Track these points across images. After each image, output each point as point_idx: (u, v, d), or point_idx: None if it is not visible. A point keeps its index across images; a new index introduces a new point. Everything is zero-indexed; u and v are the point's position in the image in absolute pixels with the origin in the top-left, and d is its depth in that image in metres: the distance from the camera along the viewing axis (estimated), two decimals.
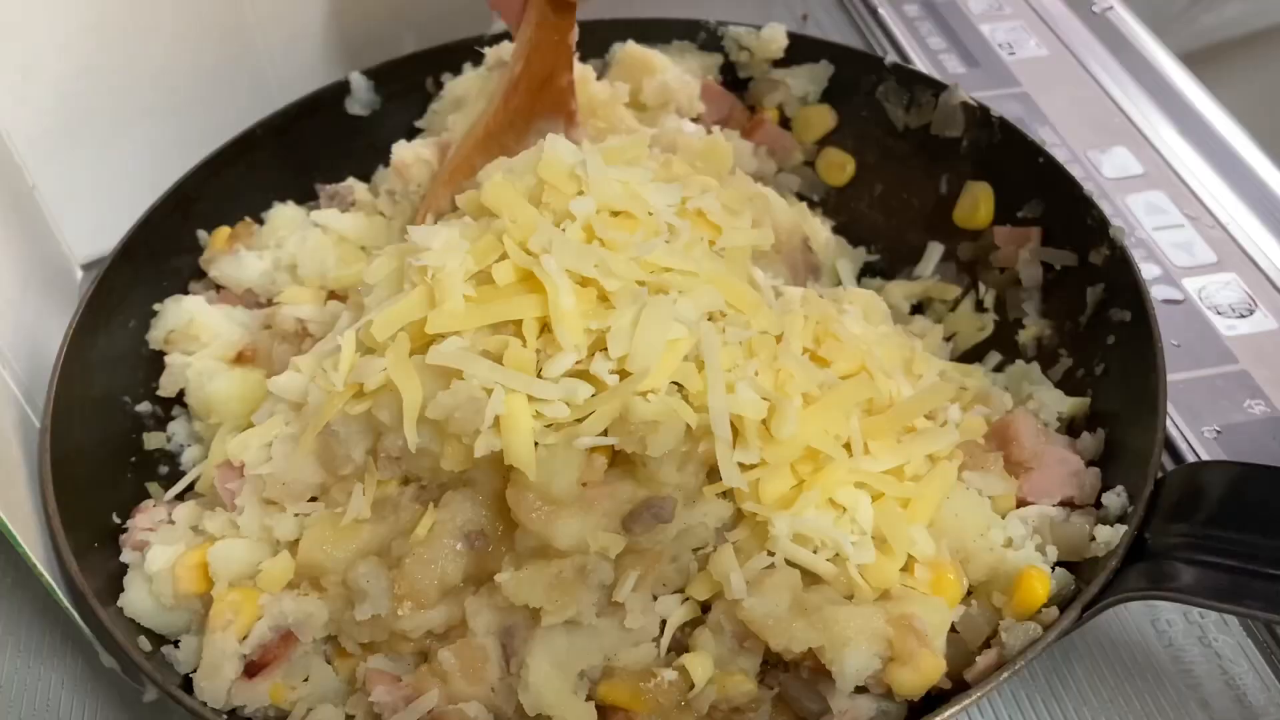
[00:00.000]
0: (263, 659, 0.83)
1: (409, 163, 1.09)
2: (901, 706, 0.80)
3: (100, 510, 0.94)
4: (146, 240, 1.06)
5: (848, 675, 0.76)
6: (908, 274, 1.16)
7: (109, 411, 1.01)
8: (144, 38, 1.15)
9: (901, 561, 0.82)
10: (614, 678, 0.81)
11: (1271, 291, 1.16)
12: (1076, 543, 0.86)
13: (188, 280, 1.12)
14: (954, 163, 1.13)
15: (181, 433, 1.05)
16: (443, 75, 1.21)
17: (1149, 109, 1.38)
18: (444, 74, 1.21)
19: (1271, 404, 1.06)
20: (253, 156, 1.15)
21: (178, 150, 1.11)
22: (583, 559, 0.80)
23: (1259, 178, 1.29)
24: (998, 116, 1.10)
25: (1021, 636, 0.79)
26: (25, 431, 0.94)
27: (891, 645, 0.77)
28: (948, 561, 0.84)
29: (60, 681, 0.94)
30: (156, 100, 1.19)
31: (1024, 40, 1.48)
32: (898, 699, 0.79)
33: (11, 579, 1.00)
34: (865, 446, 0.85)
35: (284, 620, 0.83)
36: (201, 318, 1.04)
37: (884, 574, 0.81)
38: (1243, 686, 0.90)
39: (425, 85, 1.22)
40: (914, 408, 0.88)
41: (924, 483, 0.85)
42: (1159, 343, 0.91)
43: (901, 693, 0.78)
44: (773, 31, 1.20)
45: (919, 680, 0.77)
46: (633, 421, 0.78)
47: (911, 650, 0.77)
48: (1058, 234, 1.05)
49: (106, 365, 1.01)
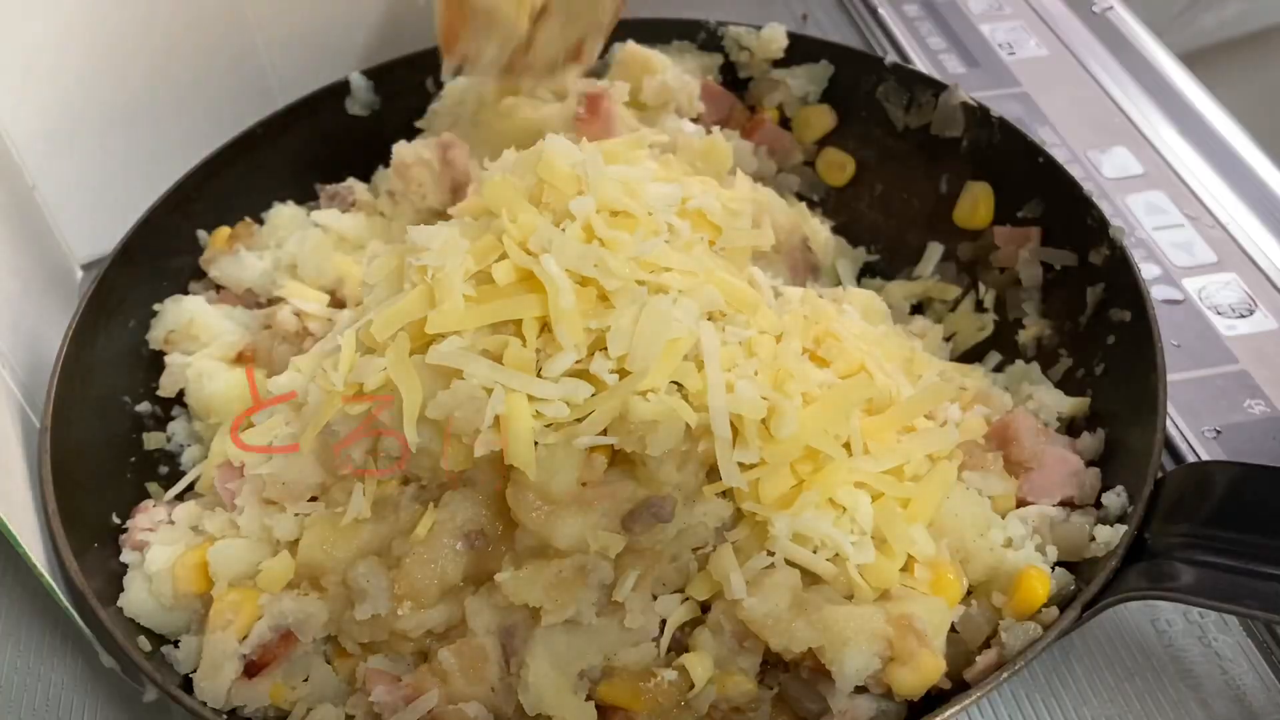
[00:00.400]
0: (263, 659, 0.83)
1: (409, 163, 1.09)
2: (901, 706, 0.80)
3: (100, 510, 0.94)
4: (146, 240, 1.06)
5: (847, 675, 0.76)
6: (907, 274, 1.16)
7: (109, 411, 1.01)
8: (144, 38, 1.15)
9: (901, 561, 0.82)
10: (614, 677, 0.81)
11: (1271, 291, 1.16)
12: (1076, 543, 0.86)
13: (188, 280, 1.12)
14: (954, 163, 1.13)
15: (181, 433, 1.05)
16: (442, 76, 1.21)
17: (1149, 109, 1.38)
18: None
19: (1271, 404, 1.06)
20: (252, 157, 1.15)
21: (178, 150, 1.11)
22: (582, 558, 0.80)
23: (1259, 178, 1.29)
24: (997, 116, 1.10)
25: (1021, 636, 0.79)
26: (25, 431, 0.94)
27: (891, 645, 0.77)
28: (947, 561, 0.84)
29: (60, 681, 0.94)
30: (156, 100, 1.19)
31: (1024, 40, 1.48)
32: (897, 699, 0.79)
33: (11, 579, 1.00)
34: (865, 446, 0.84)
35: (284, 620, 0.83)
36: (201, 318, 1.05)
37: (884, 574, 0.81)
38: (1243, 686, 0.90)
39: (425, 85, 1.22)
40: (914, 407, 0.88)
41: (924, 483, 0.85)
42: (1159, 343, 0.91)
43: (901, 693, 0.78)
44: (772, 31, 1.20)
45: (919, 680, 0.77)
46: (632, 421, 0.78)
47: (911, 650, 0.77)
48: (1057, 234, 1.05)
49: (106, 365, 1.01)
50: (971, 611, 0.83)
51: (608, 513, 0.81)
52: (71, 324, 0.98)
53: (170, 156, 1.11)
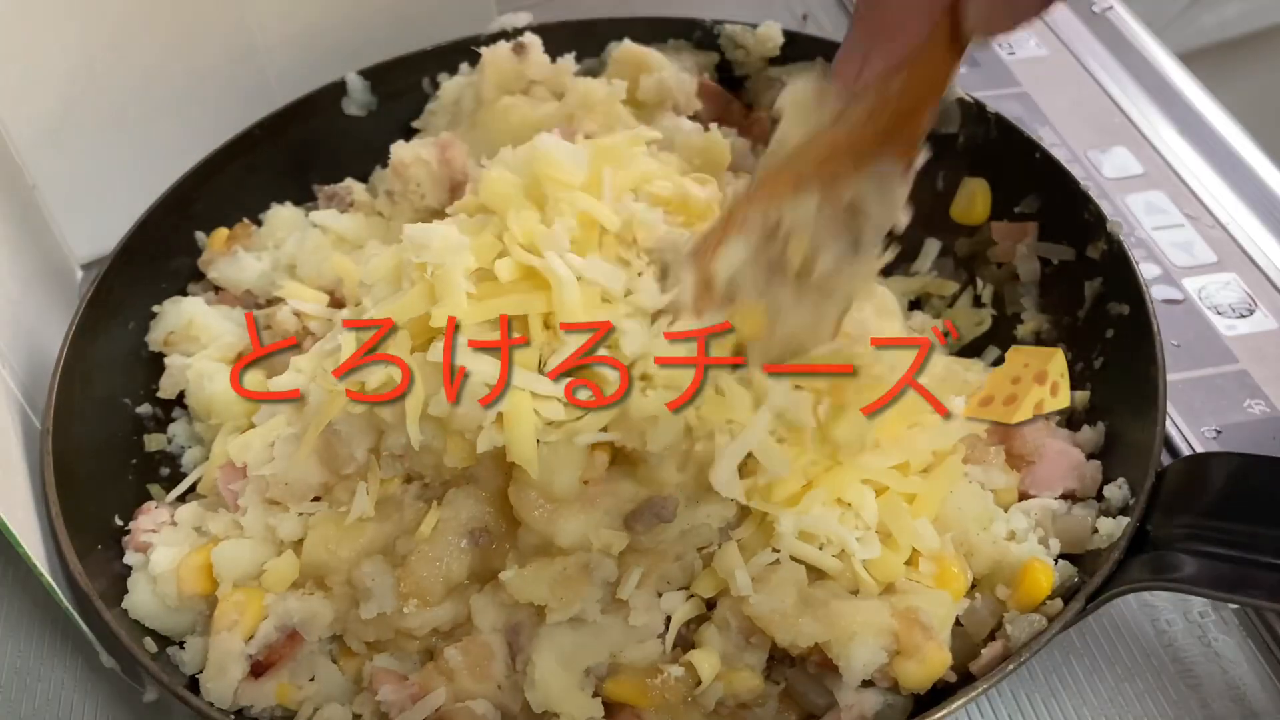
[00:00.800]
0: (269, 659, 0.82)
1: (408, 162, 1.08)
2: (908, 700, 0.80)
3: (102, 512, 0.93)
4: (145, 242, 1.06)
5: (854, 669, 0.76)
6: (905, 270, 1.16)
7: (110, 413, 1.01)
8: (145, 38, 1.15)
9: (906, 555, 0.82)
10: (620, 674, 0.81)
11: (1271, 291, 1.17)
12: (1078, 535, 0.86)
13: (186, 282, 1.11)
14: (950, 159, 1.13)
15: (182, 434, 1.04)
16: (439, 75, 1.21)
17: (1149, 109, 1.38)
18: (440, 74, 1.21)
19: (1271, 404, 1.06)
20: (250, 158, 1.14)
21: (178, 150, 1.11)
22: (586, 556, 0.80)
23: (1259, 177, 1.29)
24: (994, 113, 1.10)
25: (1026, 629, 0.79)
26: (26, 432, 0.94)
27: (897, 639, 0.77)
28: (952, 555, 0.84)
29: (60, 681, 0.94)
30: (157, 100, 1.19)
31: (1024, 40, 1.48)
32: (904, 692, 0.80)
33: (12, 579, 1.00)
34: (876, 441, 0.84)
35: (289, 620, 0.83)
36: (201, 319, 1.04)
37: (889, 568, 0.81)
38: (1243, 686, 0.90)
39: (422, 85, 1.21)
40: (920, 401, 0.87)
41: (930, 477, 0.85)
42: (1158, 335, 0.91)
43: (908, 686, 0.78)
44: (769, 30, 1.20)
45: (925, 673, 0.77)
46: (632, 416, 0.78)
47: (917, 643, 0.77)
48: (1055, 229, 1.05)
49: (107, 367, 1.01)
50: (976, 605, 0.83)
51: (610, 511, 0.81)
52: (71, 326, 0.98)
53: (171, 156, 1.11)
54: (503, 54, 1.13)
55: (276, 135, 1.16)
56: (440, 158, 1.08)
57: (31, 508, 0.88)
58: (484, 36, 1.20)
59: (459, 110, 1.17)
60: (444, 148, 1.09)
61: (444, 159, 1.08)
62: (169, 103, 1.20)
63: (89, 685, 0.93)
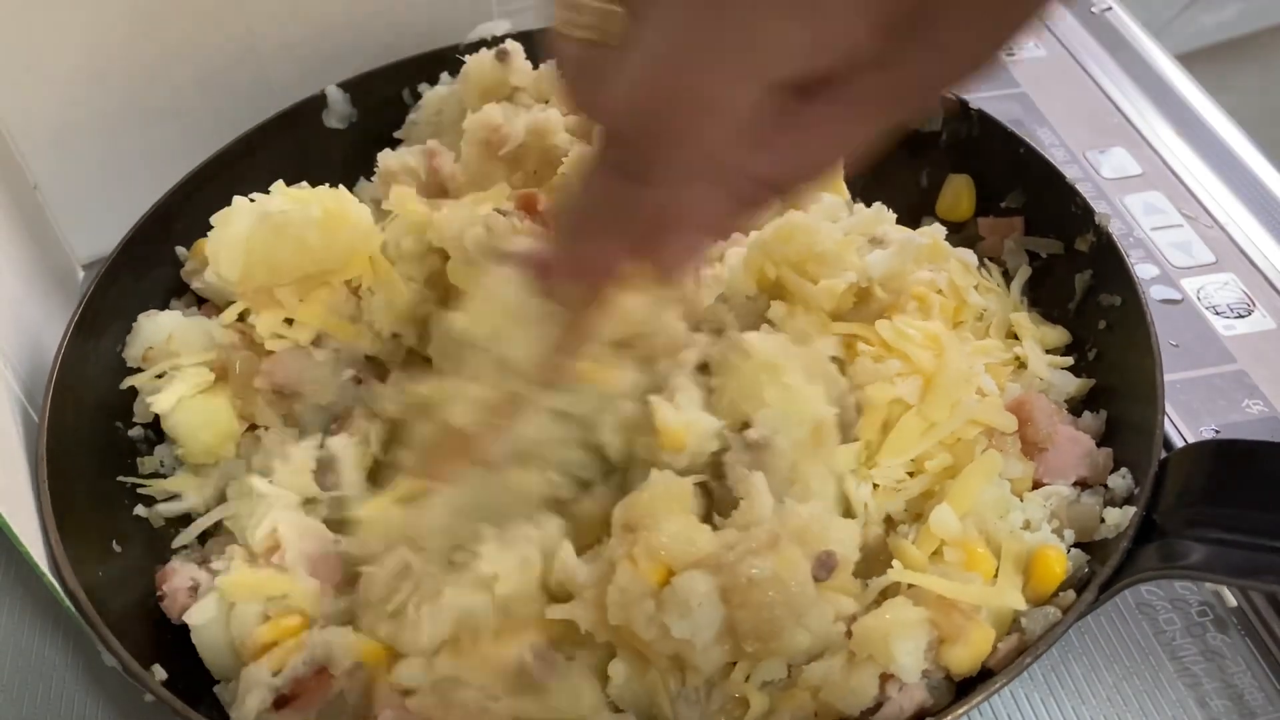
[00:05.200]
0: (294, 692, 0.80)
1: (395, 171, 1.08)
2: (951, 685, 0.80)
3: (102, 513, 0.94)
4: (130, 259, 1.04)
5: (909, 669, 0.76)
6: None
7: (101, 425, 0.99)
8: (146, 38, 1.15)
9: (933, 547, 0.82)
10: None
11: (1270, 291, 1.17)
12: (1088, 523, 0.86)
13: (169, 297, 1.09)
14: (934, 156, 1.13)
15: (169, 457, 1.00)
16: (419, 85, 1.21)
17: (1147, 109, 1.38)
18: (421, 84, 1.21)
19: (1270, 404, 1.06)
20: (231, 172, 1.11)
21: (179, 150, 1.11)
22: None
23: (1257, 178, 1.29)
24: (976, 109, 1.10)
25: (1041, 621, 0.78)
26: (27, 432, 0.94)
27: (937, 626, 0.77)
28: (975, 536, 0.83)
29: (60, 681, 0.94)
30: (158, 100, 1.19)
31: (1022, 40, 1.48)
32: (955, 677, 0.79)
33: (12, 579, 1.00)
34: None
35: (317, 654, 0.80)
36: (180, 333, 0.99)
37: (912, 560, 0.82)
38: (1242, 686, 0.90)
39: (401, 97, 1.21)
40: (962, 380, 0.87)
41: (964, 474, 0.85)
42: (1152, 325, 0.90)
43: (959, 670, 0.78)
44: None
45: (974, 654, 0.77)
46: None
47: (959, 626, 0.76)
48: (1042, 223, 1.05)
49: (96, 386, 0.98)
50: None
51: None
52: (66, 332, 0.96)
53: (171, 156, 1.11)
54: (485, 61, 1.12)
55: (257, 149, 1.14)
56: (428, 166, 1.08)
57: (33, 507, 0.88)
58: (463, 45, 1.19)
59: (441, 120, 1.17)
60: (431, 156, 1.09)
61: (431, 167, 1.08)
62: (171, 104, 1.20)
63: (89, 685, 0.94)
